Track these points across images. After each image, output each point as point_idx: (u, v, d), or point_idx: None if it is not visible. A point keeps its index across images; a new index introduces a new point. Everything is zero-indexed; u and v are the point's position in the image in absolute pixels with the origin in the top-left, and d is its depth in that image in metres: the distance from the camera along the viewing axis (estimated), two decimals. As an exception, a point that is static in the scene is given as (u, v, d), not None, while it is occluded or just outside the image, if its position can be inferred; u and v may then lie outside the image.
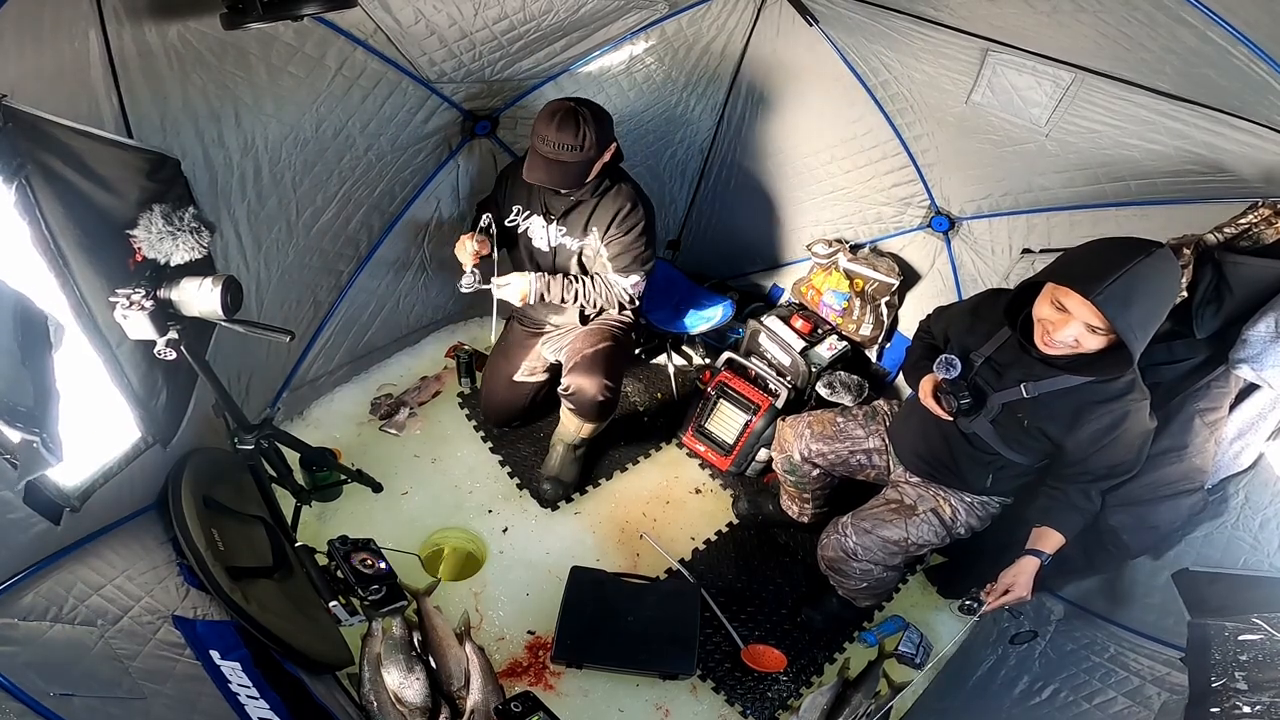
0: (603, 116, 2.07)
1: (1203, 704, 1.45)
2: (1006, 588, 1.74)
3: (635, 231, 2.22)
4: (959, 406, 1.75)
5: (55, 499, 1.40)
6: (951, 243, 2.57)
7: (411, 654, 1.95)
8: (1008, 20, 1.90)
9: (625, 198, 2.20)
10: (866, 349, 2.86)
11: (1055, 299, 1.50)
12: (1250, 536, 1.69)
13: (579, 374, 2.31)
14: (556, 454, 2.54)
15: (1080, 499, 1.75)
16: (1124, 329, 1.39)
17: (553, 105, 2.02)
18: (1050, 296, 1.52)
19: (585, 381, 2.30)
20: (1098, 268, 1.41)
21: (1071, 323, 1.48)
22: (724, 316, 2.91)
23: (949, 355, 1.76)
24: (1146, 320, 1.42)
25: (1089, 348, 1.51)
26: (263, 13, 1.30)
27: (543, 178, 2.07)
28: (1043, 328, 1.55)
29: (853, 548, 1.99)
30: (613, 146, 2.14)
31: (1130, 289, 1.38)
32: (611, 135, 2.12)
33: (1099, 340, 1.49)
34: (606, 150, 2.11)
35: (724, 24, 2.49)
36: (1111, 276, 1.37)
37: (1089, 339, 1.49)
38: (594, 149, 2.03)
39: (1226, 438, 1.74)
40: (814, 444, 2.17)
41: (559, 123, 1.98)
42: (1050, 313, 1.52)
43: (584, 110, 2.01)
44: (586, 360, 2.33)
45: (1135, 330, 1.40)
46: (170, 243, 1.47)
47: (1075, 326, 1.48)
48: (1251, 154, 1.71)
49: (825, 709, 2.06)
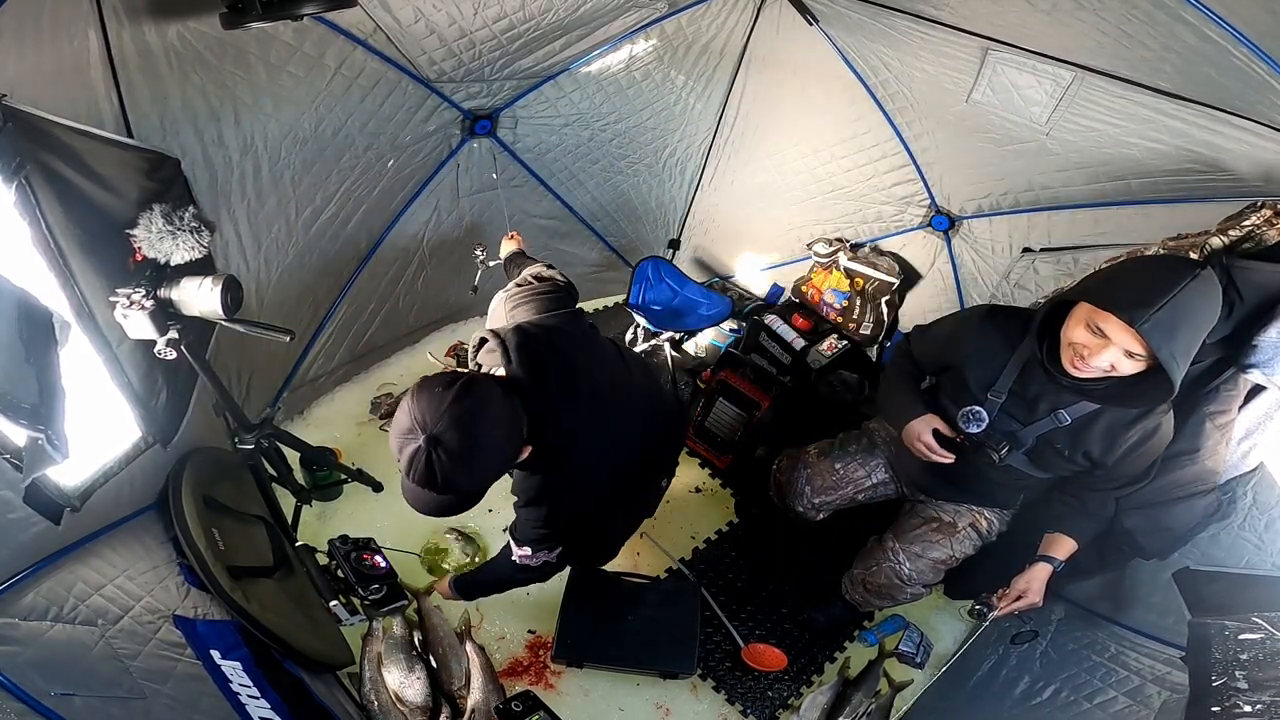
0: (480, 450, 1.27)
1: (1203, 703, 1.45)
2: (1019, 594, 1.73)
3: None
4: (999, 459, 1.64)
5: (55, 498, 1.40)
6: (952, 241, 2.56)
7: (412, 653, 1.95)
8: (1008, 19, 1.90)
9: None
10: (867, 348, 2.86)
11: (1093, 323, 1.39)
12: (1255, 537, 1.69)
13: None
14: None
15: (1097, 506, 1.73)
16: (1167, 359, 1.29)
17: (407, 448, 1.23)
18: (1086, 319, 1.41)
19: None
20: (1142, 293, 1.31)
21: (1109, 348, 1.38)
22: (723, 315, 2.91)
23: (973, 409, 1.65)
24: (1189, 347, 1.33)
25: (1123, 372, 1.41)
26: (262, 12, 1.31)
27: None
28: (1074, 351, 1.44)
29: (907, 573, 1.91)
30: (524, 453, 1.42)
31: (1175, 316, 1.29)
32: (515, 453, 1.39)
33: (1135, 365, 1.39)
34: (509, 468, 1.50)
35: (724, 23, 2.48)
36: (1158, 303, 1.28)
37: (1125, 364, 1.39)
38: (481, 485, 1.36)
39: (1234, 438, 1.73)
40: (816, 497, 2.07)
41: (413, 475, 1.24)
42: (1085, 337, 1.41)
43: (440, 454, 1.21)
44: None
45: (1178, 359, 1.30)
46: (170, 242, 1.47)
47: (1113, 352, 1.38)
48: (1251, 153, 1.71)
49: (826, 708, 2.06)
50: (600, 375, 1.57)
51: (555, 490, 1.58)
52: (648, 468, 1.86)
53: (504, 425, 1.31)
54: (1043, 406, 1.61)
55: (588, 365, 1.54)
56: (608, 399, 1.56)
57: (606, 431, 1.57)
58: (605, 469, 1.62)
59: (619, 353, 1.73)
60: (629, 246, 3.21)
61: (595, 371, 1.56)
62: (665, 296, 2.99)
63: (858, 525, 2.42)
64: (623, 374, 1.68)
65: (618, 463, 1.65)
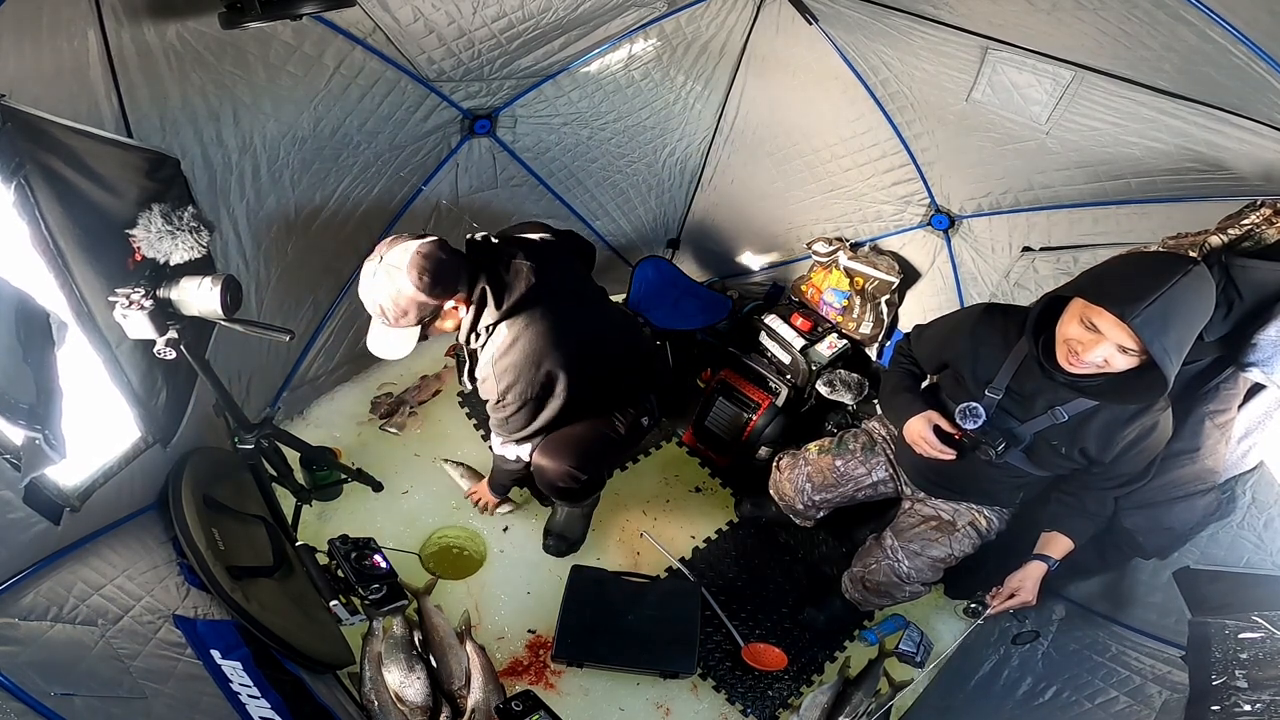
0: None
1: (1203, 702, 1.45)
2: (1012, 592, 1.73)
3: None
4: (995, 455, 1.65)
5: (55, 499, 1.40)
6: (951, 241, 2.56)
7: (412, 653, 1.96)
8: (1008, 18, 1.90)
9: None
10: (867, 347, 2.86)
11: (1086, 318, 1.41)
12: (1255, 536, 1.69)
13: (543, 452, 2.04)
14: (562, 509, 2.39)
15: (1095, 505, 1.73)
16: (1159, 353, 1.31)
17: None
18: (1080, 315, 1.42)
19: (547, 462, 2.02)
20: (1135, 287, 1.32)
21: (1103, 343, 1.39)
22: (722, 315, 2.91)
23: (970, 405, 1.66)
24: (1182, 343, 1.35)
25: (1117, 368, 1.43)
26: (261, 12, 1.31)
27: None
28: (1069, 347, 1.46)
29: (906, 571, 1.91)
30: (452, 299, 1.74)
31: (1168, 311, 1.30)
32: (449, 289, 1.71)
33: (1129, 361, 1.41)
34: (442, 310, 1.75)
35: (723, 22, 2.48)
36: (1149, 297, 1.29)
37: (1119, 359, 1.41)
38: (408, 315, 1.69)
39: (1234, 437, 1.73)
40: (816, 495, 2.07)
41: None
42: (1079, 332, 1.43)
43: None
44: (559, 439, 2.04)
45: (1171, 354, 1.32)
46: (170, 242, 1.47)
47: (1106, 347, 1.39)
48: (1251, 152, 1.70)
49: (826, 707, 2.06)
50: (567, 278, 1.89)
51: (528, 361, 1.79)
52: (618, 376, 2.05)
53: (448, 254, 1.68)
54: (1040, 404, 1.62)
55: (555, 267, 1.85)
56: (572, 290, 1.89)
57: (572, 311, 1.83)
58: (572, 343, 1.82)
59: (588, 277, 2.07)
60: (628, 246, 3.20)
61: (564, 274, 1.88)
62: (665, 296, 2.99)
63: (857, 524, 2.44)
64: (593, 291, 2.03)
65: (585, 344, 1.86)
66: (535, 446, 2.05)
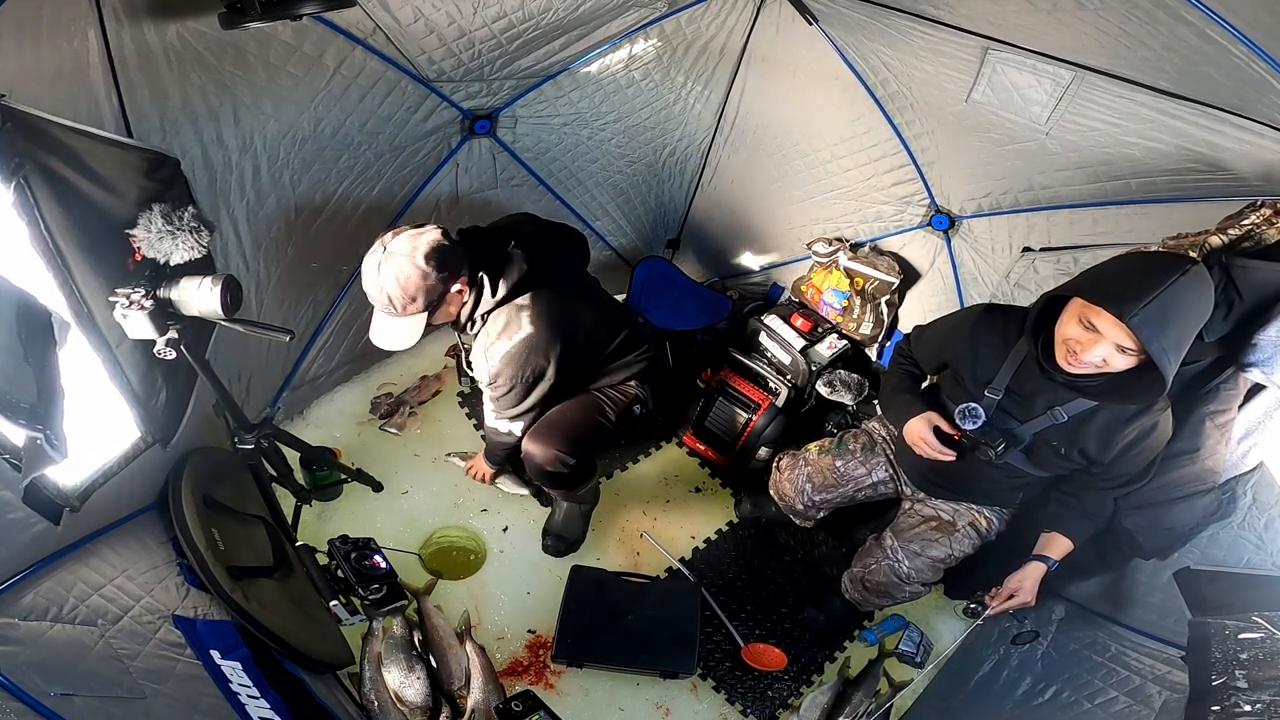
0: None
1: (1203, 702, 1.45)
2: (1011, 592, 1.73)
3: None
4: (995, 455, 1.65)
5: (55, 499, 1.40)
6: (952, 241, 2.56)
7: (412, 653, 1.96)
8: (1008, 18, 1.90)
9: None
10: (867, 348, 2.86)
11: (1085, 318, 1.41)
12: (1255, 536, 1.69)
13: (533, 438, 2.06)
14: (561, 509, 2.41)
15: (1095, 506, 1.73)
16: (1157, 352, 1.31)
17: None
18: (1079, 314, 1.42)
19: (536, 448, 2.03)
20: (1133, 287, 1.32)
21: (1101, 343, 1.39)
22: (722, 315, 2.91)
23: (969, 405, 1.66)
24: (1180, 342, 1.34)
25: (1116, 367, 1.43)
26: (261, 12, 1.30)
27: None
28: (1068, 347, 1.46)
29: (906, 572, 1.91)
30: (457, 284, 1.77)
31: (1166, 310, 1.30)
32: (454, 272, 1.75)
33: (1128, 360, 1.40)
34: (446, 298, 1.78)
35: (723, 22, 2.48)
36: (1148, 297, 1.29)
37: (1117, 359, 1.40)
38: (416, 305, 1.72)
39: (1234, 437, 1.73)
40: (816, 495, 2.07)
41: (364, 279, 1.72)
42: (1078, 331, 1.43)
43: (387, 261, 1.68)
44: (548, 424, 2.06)
45: (1169, 353, 1.32)
46: (170, 242, 1.47)
47: (1105, 347, 1.39)
48: (1251, 152, 1.70)
49: (826, 708, 2.06)
50: (559, 267, 1.96)
51: (521, 346, 1.85)
52: (609, 361, 2.12)
53: (450, 240, 1.73)
54: (1039, 404, 1.62)
55: (547, 256, 1.91)
56: (564, 278, 1.95)
57: (564, 298, 1.89)
58: (564, 328, 1.87)
59: (580, 267, 2.16)
60: (628, 246, 3.20)
61: (555, 263, 1.94)
62: (665, 296, 2.99)
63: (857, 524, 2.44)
64: (586, 280, 2.12)
65: (577, 330, 1.93)
66: (527, 423, 2.10)
